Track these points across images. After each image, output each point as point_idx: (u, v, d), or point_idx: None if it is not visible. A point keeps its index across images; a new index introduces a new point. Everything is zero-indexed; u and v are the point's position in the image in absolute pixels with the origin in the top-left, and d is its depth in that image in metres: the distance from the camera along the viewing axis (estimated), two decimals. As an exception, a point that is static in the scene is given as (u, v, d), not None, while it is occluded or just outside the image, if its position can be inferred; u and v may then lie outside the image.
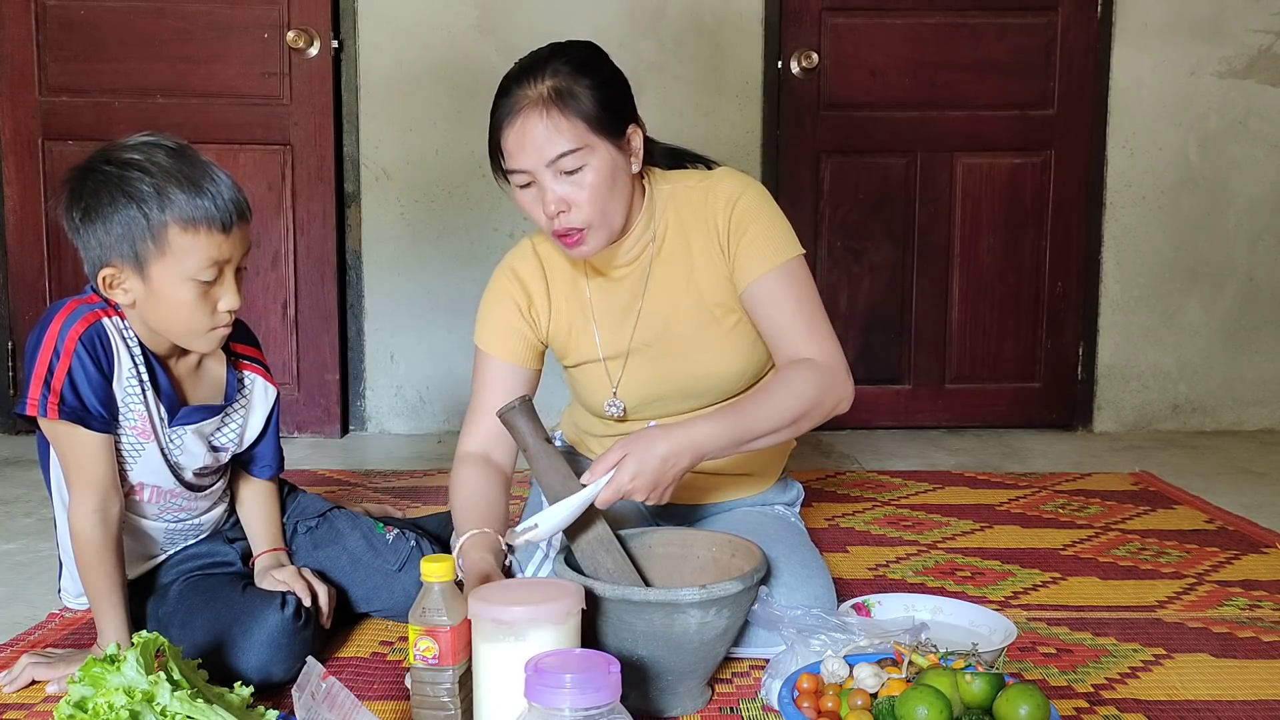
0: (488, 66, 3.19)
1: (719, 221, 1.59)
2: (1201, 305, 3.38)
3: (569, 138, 1.46)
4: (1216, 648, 1.62)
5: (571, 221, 1.49)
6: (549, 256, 1.67)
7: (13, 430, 3.23)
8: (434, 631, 1.24)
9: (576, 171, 1.47)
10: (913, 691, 1.17)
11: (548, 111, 1.45)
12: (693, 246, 1.61)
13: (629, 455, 1.36)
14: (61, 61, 3.15)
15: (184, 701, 1.16)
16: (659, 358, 1.64)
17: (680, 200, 1.62)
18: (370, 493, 2.55)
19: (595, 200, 1.49)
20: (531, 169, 1.47)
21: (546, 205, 1.48)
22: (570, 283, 1.66)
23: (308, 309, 3.25)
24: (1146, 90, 3.29)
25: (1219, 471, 2.84)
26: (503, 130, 1.48)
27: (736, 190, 1.59)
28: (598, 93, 1.48)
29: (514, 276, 1.67)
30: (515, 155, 1.48)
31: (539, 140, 1.45)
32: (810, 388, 1.50)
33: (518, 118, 1.46)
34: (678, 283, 1.62)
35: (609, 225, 1.53)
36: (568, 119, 1.45)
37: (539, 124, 1.45)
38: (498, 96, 1.50)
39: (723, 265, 1.60)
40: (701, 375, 1.64)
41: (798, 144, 3.28)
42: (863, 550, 2.13)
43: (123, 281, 1.41)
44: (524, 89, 1.46)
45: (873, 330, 3.37)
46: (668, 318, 1.63)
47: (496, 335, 1.65)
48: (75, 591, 1.61)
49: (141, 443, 1.49)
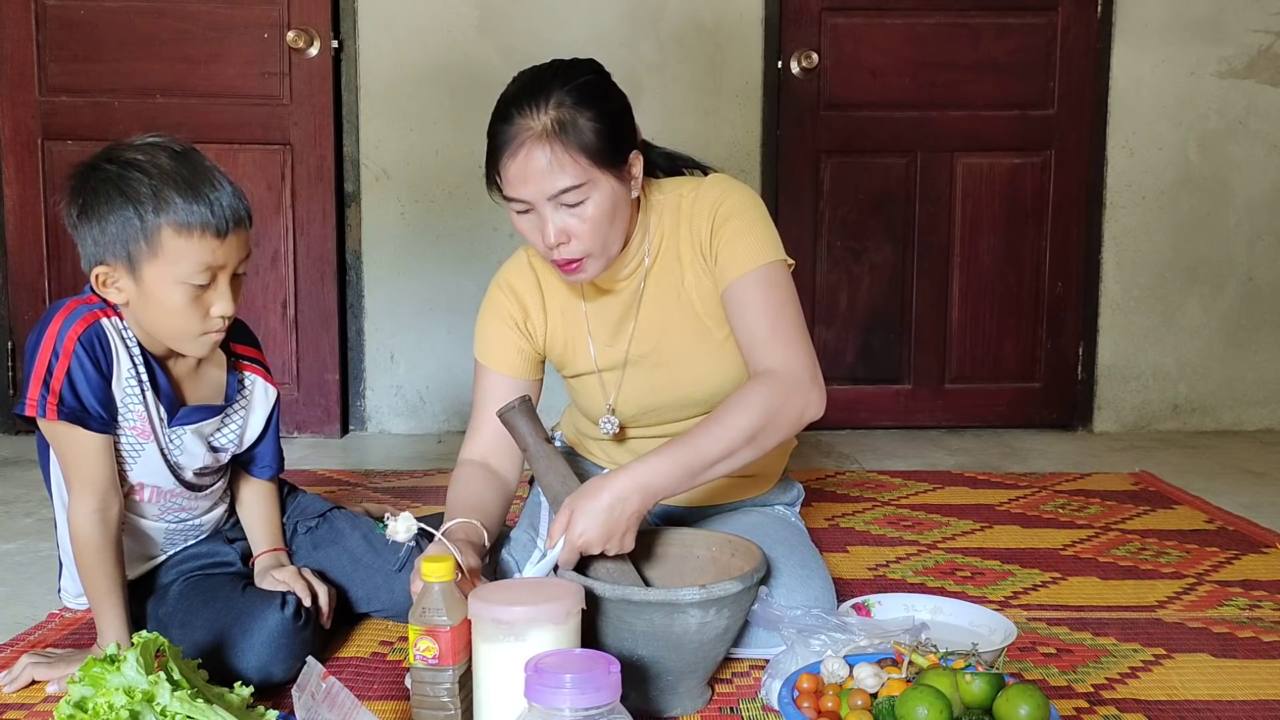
0: (488, 66, 3.19)
1: (702, 230, 1.56)
2: (1201, 305, 3.38)
3: (571, 174, 1.42)
4: (1216, 648, 1.62)
5: (571, 252, 1.47)
6: (544, 269, 1.66)
7: (13, 430, 3.23)
8: (434, 631, 1.24)
9: (578, 205, 1.45)
10: (913, 691, 1.17)
11: (551, 146, 1.41)
12: (683, 258, 1.60)
13: (575, 512, 1.34)
14: (61, 61, 3.15)
15: (184, 701, 1.16)
16: (654, 369, 1.63)
17: (673, 211, 1.60)
18: (370, 493, 2.55)
19: (595, 232, 1.47)
20: (531, 200, 1.45)
21: (546, 236, 1.46)
22: (565, 296, 1.66)
23: (308, 309, 3.25)
24: (1146, 90, 3.29)
25: (1219, 471, 2.84)
26: (502, 158, 1.45)
27: (719, 197, 1.56)
28: (601, 124, 1.44)
29: (510, 291, 1.66)
30: (515, 185, 1.44)
31: (540, 174, 1.42)
32: (762, 401, 1.43)
33: (520, 149, 1.42)
34: (670, 295, 1.61)
35: (607, 253, 1.51)
36: (570, 154, 1.41)
37: (541, 158, 1.41)
38: (497, 121, 1.46)
39: (708, 274, 1.58)
40: (697, 386, 1.63)
41: (798, 144, 3.28)
42: (863, 550, 2.13)
43: (116, 280, 1.41)
44: (526, 119, 1.42)
45: (873, 330, 3.37)
46: (662, 330, 1.62)
47: (494, 350, 1.65)
48: (75, 591, 1.61)
49: (141, 443, 1.49)
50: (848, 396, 3.33)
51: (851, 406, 3.34)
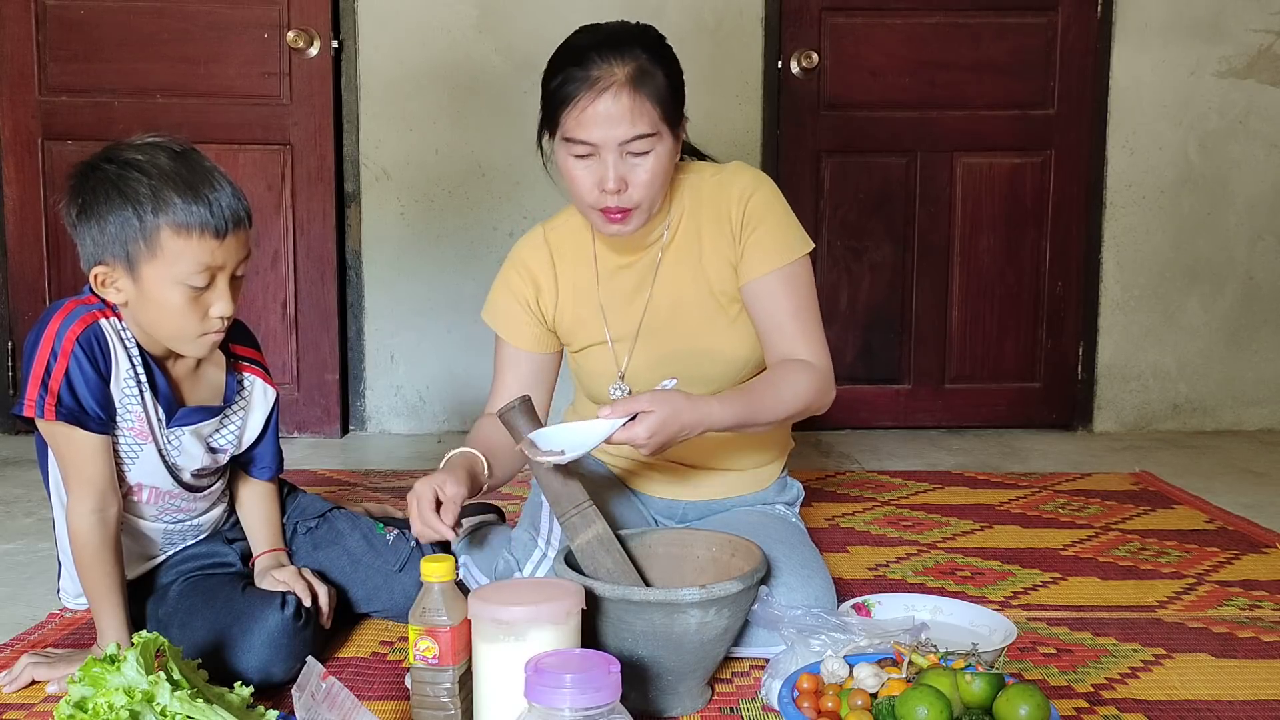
0: (488, 66, 3.19)
1: (732, 213, 1.62)
2: (1201, 305, 3.38)
3: (647, 122, 1.49)
4: (1216, 648, 1.62)
5: (624, 201, 1.53)
6: (559, 245, 1.70)
7: (12, 430, 3.23)
8: (434, 631, 1.24)
9: (642, 155, 1.51)
10: (913, 691, 1.17)
11: (633, 93, 1.48)
12: (703, 236, 1.65)
13: (654, 413, 1.38)
14: (61, 61, 3.15)
15: (184, 701, 1.16)
16: (666, 342, 1.66)
17: (694, 190, 1.66)
18: (370, 493, 2.55)
19: (651, 185, 1.53)
20: (600, 143, 1.49)
21: (605, 181, 1.51)
22: (579, 270, 1.69)
23: (308, 309, 3.25)
24: (1146, 90, 3.29)
25: (1219, 471, 2.84)
26: (576, 100, 1.48)
27: (751, 185, 1.63)
28: (671, 83, 1.53)
29: (523, 268, 1.70)
30: (587, 128, 1.49)
31: (618, 119, 1.48)
32: (810, 389, 1.56)
33: (605, 93, 1.47)
34: (687, 270, 1.65)
35: (650, 211, 1.57)
36: (649, 104, 1.49)
37: (623, 103, 1.47)
38: (571, 65, 1.50)
39: (732, 256, 1.63)
40: (708, 361, 1.66)
41: (798, 144, 3.28)
42: (863, 550, 2.13)
43: (115, 280, 1.41)
44: (610, 65, 1.48)
45: (873, 330, 3.37)
46: (677, 302, 1.66)
47: (506, 322, 1.72)
48: (75, 592, 1.61)
49: (139, 444, 1.49)
50: (848, 396, 3.33)
51: (851, 406, 3.34)
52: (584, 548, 1.43)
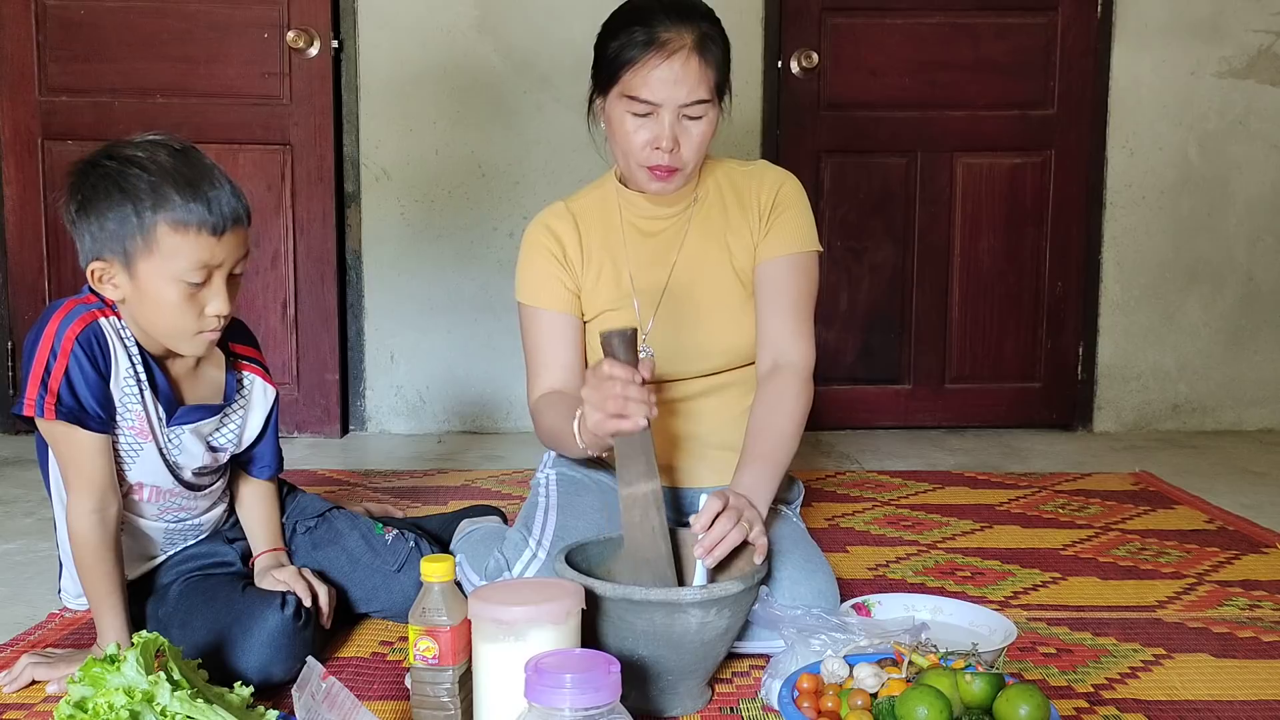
0: (488, 66, 3.19)
1: (763, 196, 1.72)
2: (1201, 305, 3.38)
3: (705, 89, 1.56)
4: (1216, 648, 1.62)
5: (674, 160, 1.59)
6: (583, 213, 1.74)
7: (12, 430, 3.23)
8: (434, 631, 1.24)
9: (696, 120, 1.58)
10: (913, 691, 1.17)
11: (701, 59, 1.55)
12: (730, 214, 1.72)
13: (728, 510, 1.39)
14: (61, 61, 3.15)
15: (184, 701, 1.16)
16: (688, 304, 1.70)
17: (724, 174, 1.75)
18: (370, 493, 2.55)
19: (699, 149, 1.61)
20: (662, 103, 1.55)
21: (660, 139, 1.57)
22: (604, 234, 1.73)
23: (308, 309, 3.25)
24: (1146, 90, 3.29)
25: (1219, 471, 2.84)
26: (644, 59, 1.54)
27: (784, 176, 1.75)
28: (726, 56, 1.61)
29: (547, 229, 1.73)
30: (654, 88, 1.54)
31: (685, 81, 1.54)
32: (802, 407, 1.63)
33: (676, 55, 1.53)
34: (714, 240, 1.72)
35: (691, 174, 1.66)
36: (711, 71, 1.57)
37: (692, 68, 1.54)
38: (637, 26, 1.55)
39: (756, 236, 1.70)
40: (720, 334, 1.70)
41: (798, 144, 3.28)
42: (863, 550, 2.13)
43: (112, 276, 1.41)
44: (679, 29, 1.54)
45: (873, 330, 3.37)
46: (701, 267, 1.71)
47: (541, 287, 1.71)
48: (75, 591, 1.60)
49: (140, 442, 1.49)
50: (848, 396, 3.33)
51: (851, 406, 3.33)
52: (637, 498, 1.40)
